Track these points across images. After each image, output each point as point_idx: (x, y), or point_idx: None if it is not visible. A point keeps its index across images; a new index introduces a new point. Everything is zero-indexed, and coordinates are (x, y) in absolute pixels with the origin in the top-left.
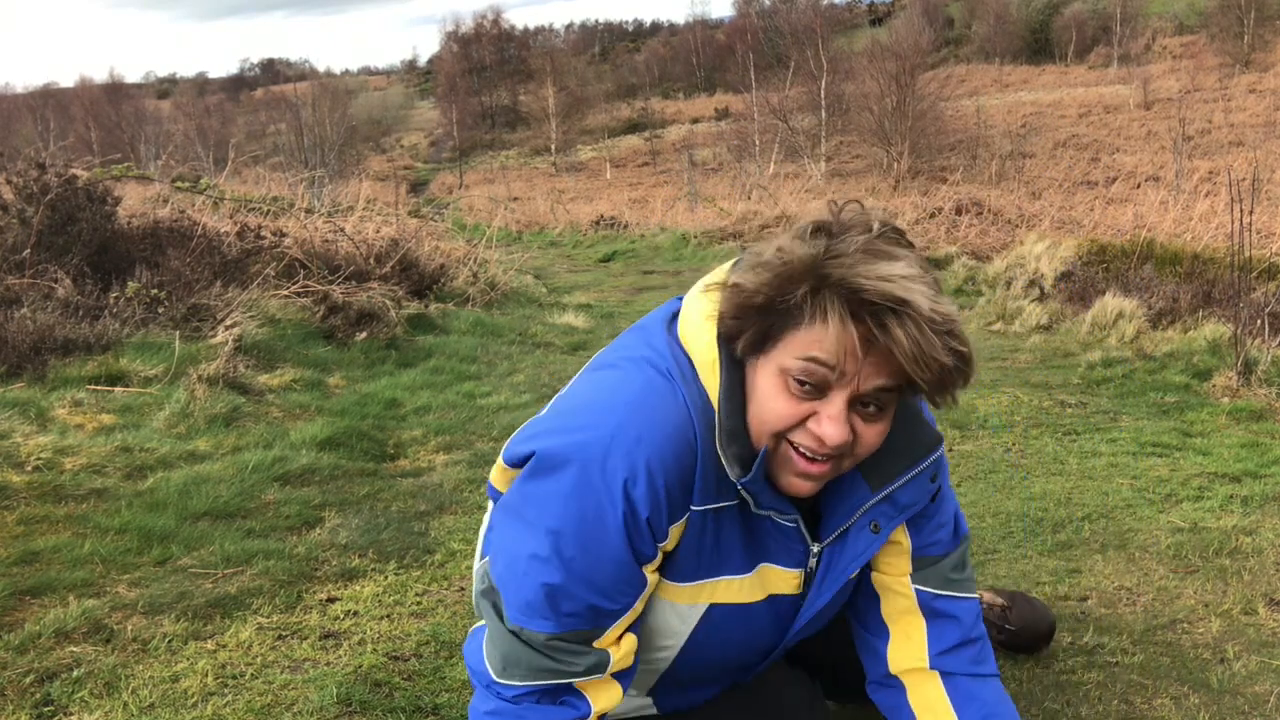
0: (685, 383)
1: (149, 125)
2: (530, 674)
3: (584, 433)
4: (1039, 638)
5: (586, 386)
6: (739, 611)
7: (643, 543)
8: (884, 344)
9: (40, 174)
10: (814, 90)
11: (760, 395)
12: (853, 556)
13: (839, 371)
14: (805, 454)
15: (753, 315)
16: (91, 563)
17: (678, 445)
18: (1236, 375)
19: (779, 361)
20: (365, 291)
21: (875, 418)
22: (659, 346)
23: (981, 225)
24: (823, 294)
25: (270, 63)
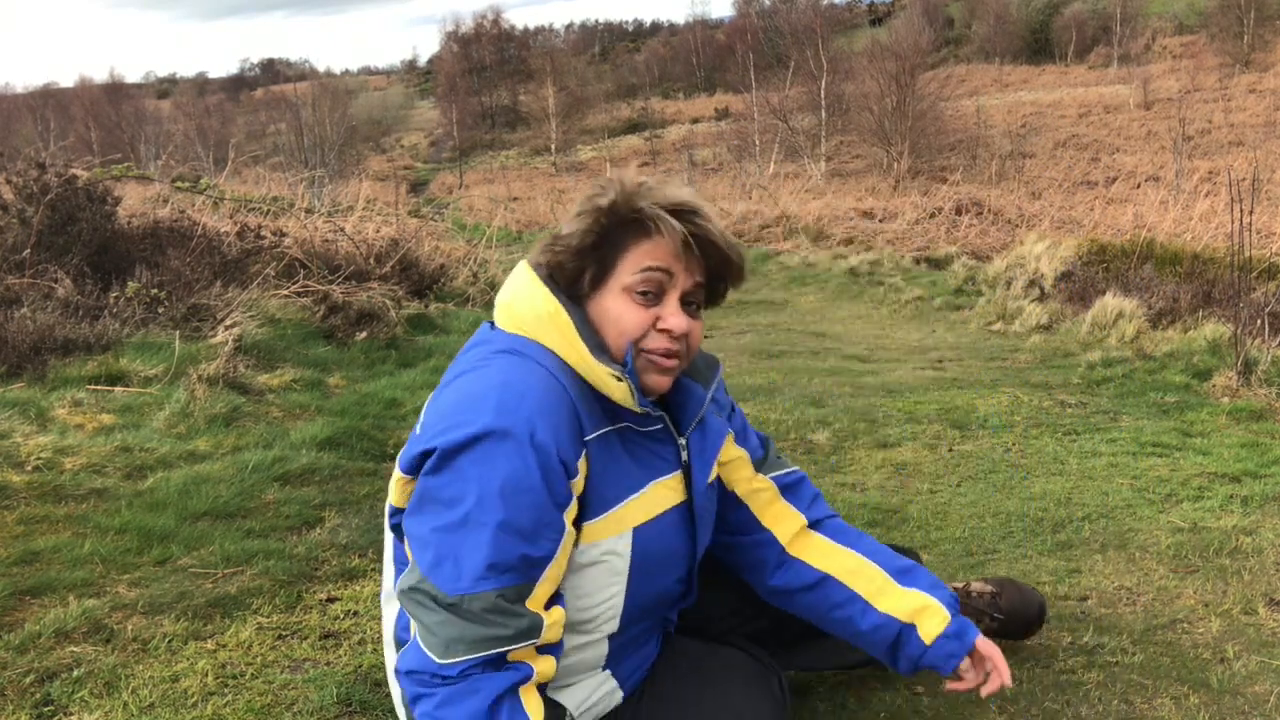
0: (531, 352)
1: (149, 125)
2: (473, 646)
3: (474, 416)
4: (1029, 621)
5: (453, 393)
6: (656, 528)
7: (557, 481)
8: (698, 240)
9: (40, 174)
10: (814, 90)
11: (613, 316)
12: (712, 439)
13: (670, 274)
14: (658, 353)
15: (588, 254)
16: (91, 563)
17: (553, 394)
18: (1236, 375)
19: (620, 283)
20: (365, 291)
21: (695, 314)
22: (494, 342)
23: (981, 225)
24: (641, 214)
25: (270, 63)
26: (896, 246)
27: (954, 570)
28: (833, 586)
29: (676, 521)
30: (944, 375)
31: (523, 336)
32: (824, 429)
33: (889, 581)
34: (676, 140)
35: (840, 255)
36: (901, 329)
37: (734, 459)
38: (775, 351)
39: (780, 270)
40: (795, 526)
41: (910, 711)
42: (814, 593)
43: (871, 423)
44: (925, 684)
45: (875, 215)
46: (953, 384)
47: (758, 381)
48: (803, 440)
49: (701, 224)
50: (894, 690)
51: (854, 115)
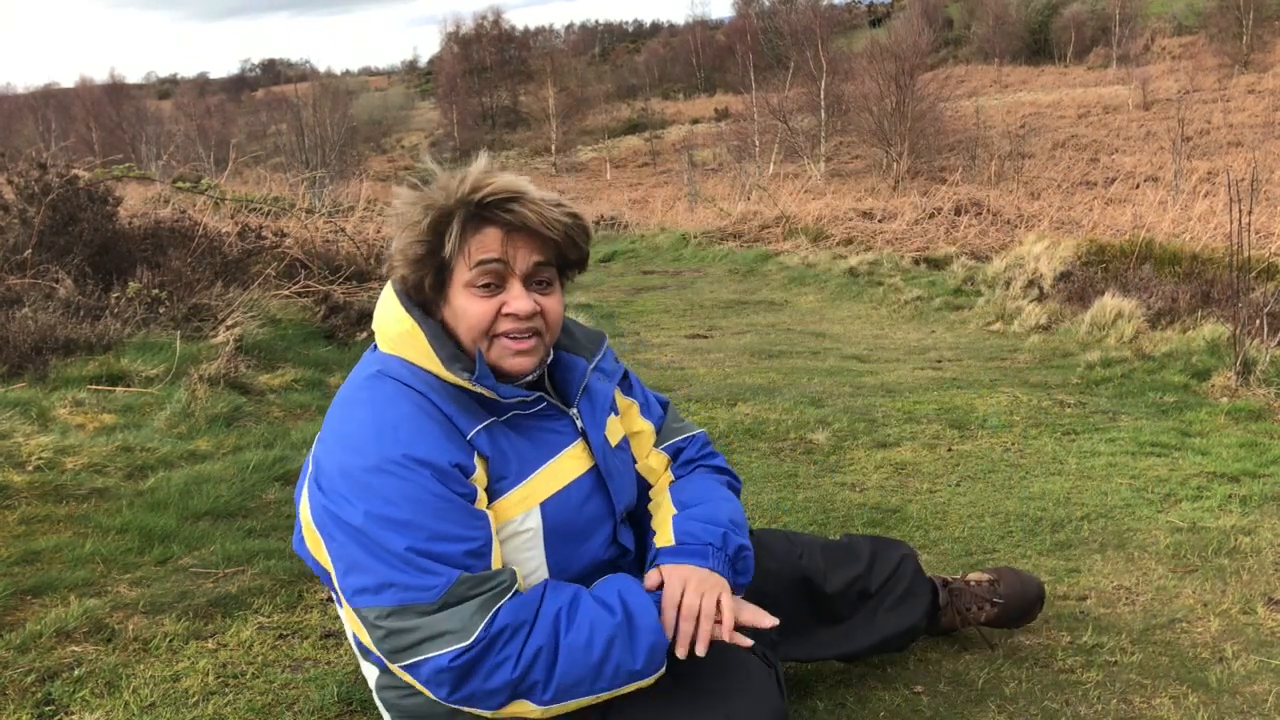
0: (397, 372)
1: (150, 125)
2: (484, 608)
3: (361, 457)
4: (1029, 603)
5: (335, 425)
6: (566, 499)
7: (455, 483)
8: (522, 226)
9: (41, 174)
10: (814, 91)
11: (460, 313)
12: (601, 402)
13: (505, 262)
14: (512, 338)
15: (423, 263)
16: (92, 562)
17: (421, 412)
18: (1235, 375)
19: (460, 282)
20: (366, 291)
21: (547, 290)
22: (367, 365)
23: (981, 225)
24: (459, 214)
25: (271, 63)
26: (896, 247)
27: (953, 570)
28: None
29: (588, 488)
30: (943, 375)
31: (392, 356)
32: (824, 429)
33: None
34: (676, 141)
35: (840, 255)
36: (901, 329)
37: (639, 432)
38: (775, 351)
39: (780, 270)
40: (664, 485)
41: (910, 711)
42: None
43: (871, 423)
44: (925, 684)
45: (875, 215)
46: (952, 384)
47: (758, 381)
48: (803, 440)
49: (519, 209)
50: (894, 690)
51: (853, 116)
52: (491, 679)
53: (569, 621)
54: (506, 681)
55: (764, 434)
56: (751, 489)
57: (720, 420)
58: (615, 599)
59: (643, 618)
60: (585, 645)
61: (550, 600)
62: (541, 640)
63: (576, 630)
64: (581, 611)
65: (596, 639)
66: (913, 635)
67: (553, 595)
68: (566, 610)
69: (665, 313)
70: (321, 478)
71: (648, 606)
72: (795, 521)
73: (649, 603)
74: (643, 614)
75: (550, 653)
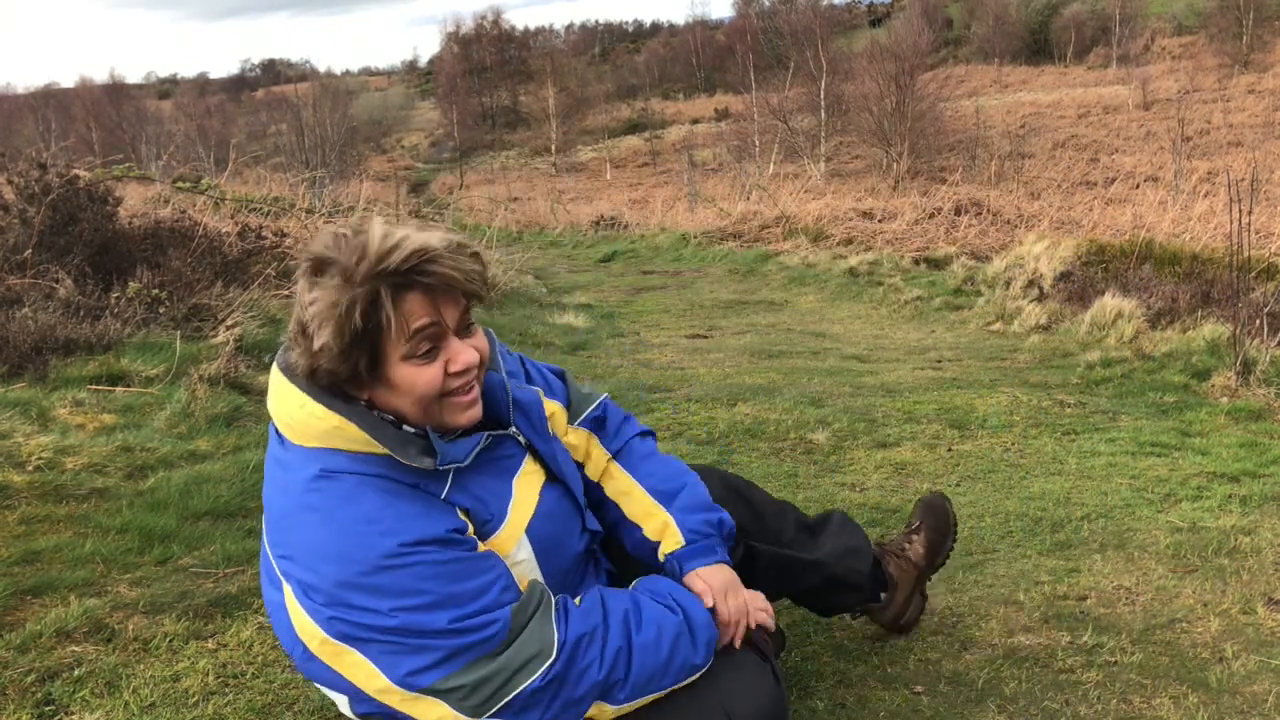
0: (335, 463)
1: (150, 125)
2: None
3: (350, 563)
4: (940, 511)
5: (296, 538)
6: (542, 516)
7: (455, 545)
8: (443, 286)
9: (42, 174)
10: (813, 91)
11: (406, 386)
12: (534, 411)
13: (437, 323)
14: (461, 392)
15: (353, 351)
16: (92, 562)
17: (387, 491)
18: (1235, 375)
19: (397, 355)
20: None
21: (472, 332)
22: (299, 467)
23: (981, 225)
24: (382, 291)
25: (271, 63)
26: (896, 247)
27: (953, 569)
28: (609, 507)
29: (553, 497)
30: (943, 375)
31: (322, 449)
32: (824, 429)
33: (652, 503)
34: (676, 141)
35: (840, 255)
36: (901, 329)
37: (552, 414)
38: (775, 351)
39: (780, 270)
40: (603, 461)
41: (910, 711)
42: (603, 515)
43: (871, 423)
44: (925, 684)
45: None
46: (952, 384)
47: (758, 381)
48: (803, 440)
49: (436, 270)
50: (894, 690)
51: (853, 116)
52: (580, 685)
53: (637, 622)
54: (594, 684)
55: (764, 434)
56: None
57: (720, 420)
58: (668, 598)
59: (697, 614)
60: (655, 643)
61: (614, 604)
62: (619, 641)
63: (646, 629)
64: (646, 612)
65: (664, 637)
66: (859, 559)
67: (614, 599)
68: (632, 611)
69: (665, 313)
70: (316, 595)
71: (697, 602)
72: None
73: (696, 599)
74: (696, 610)
75: (627, 652)
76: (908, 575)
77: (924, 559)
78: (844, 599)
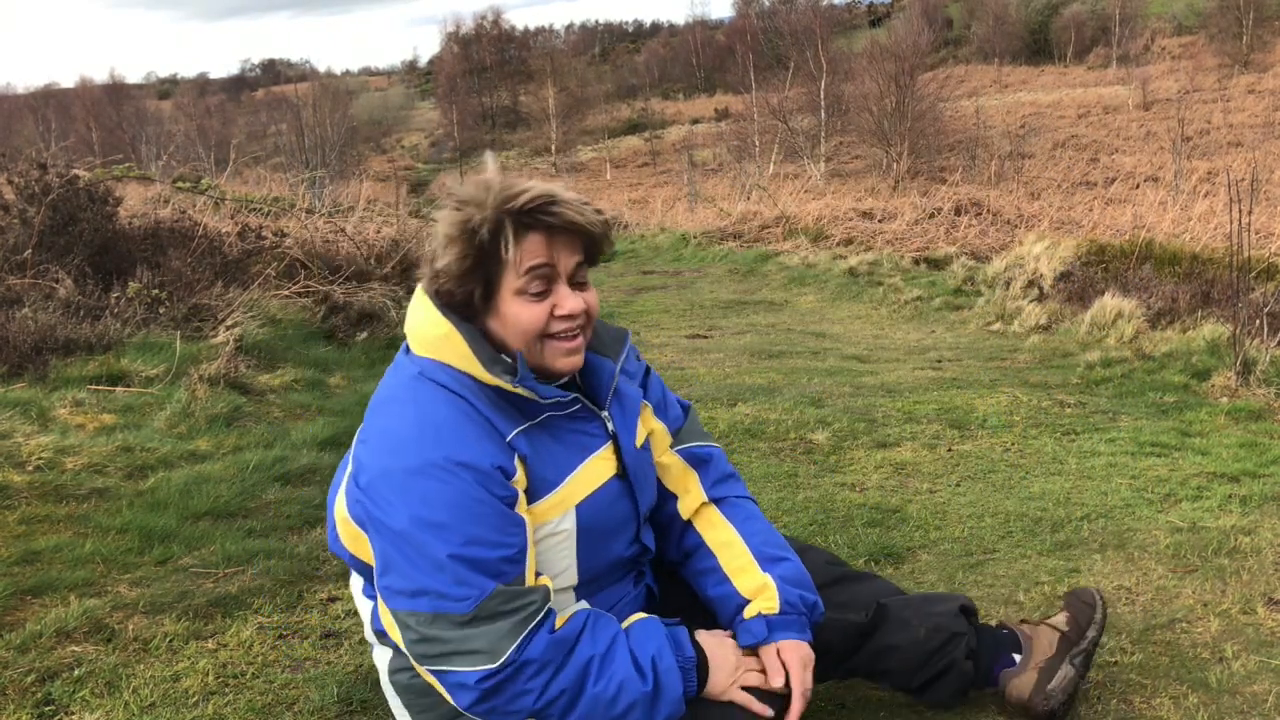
0: (437, 375)
1: (150, 126)
2: (515, 631)
3: (403, 458)
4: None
5: (377, 436)
6: (597, 502)
7: (497, 486)
8: (565, 228)
9: (42, 174)
10: (813, 91)
11: (512, 320)
12: (630, 405)
13: (552, 265)
14: (563, 337)
15: (471, 276)
16: (92, 562)
17: (463, 416)
18: (1235, 375)
19: (510, 289)
20: (366, 292)
21: (585, 288)
22: (405, 367)
23: (981, 225)
24: (506, 224)
25: (271, 63)
26: (896, 247)
27: (953, 570)
28: (703, 554)
29: (615, 491)
30: (943, 375)
31: (429, 359)
32: (824, 429)
33: (751, 561)
34: (676, 141)
35: (840, 255)
36: (901, 329)
37: (652, 430)
38: (775, 351)
39: (780, 270)
40: (697, 502)
41: (910, 711)
42: (691, 557)
43: (871, 423)
44: None
45: (875, 216)
46: (952, 384)
47: (758, 381)
48: (803, 440)
49: (560, 211)
50: (894, 690)
51: (853, 116)
52: (511, 703)
53: (600, 672)
54: (527, 709)
55: (764, 434)
56: (751, 489)
57: (720, 420)
58: (648, 662)
59: (669, 690)
60: (609, 701)
61: (585, 645)
62: (566, 684)
63: (605, 683)
64: (614, 666)
65: (621, 698)
66: (943, 602)
67: (589, 640)
68: (600, 660)
69: (665, 313)
70: (362, 476)
71: (674, 678)
72: (795, 521)
73: (676, 674)
74: (670, 686)
75: (572, 696)
76: (1045, 637)
77: (1066, 624)
78: (936, 662)
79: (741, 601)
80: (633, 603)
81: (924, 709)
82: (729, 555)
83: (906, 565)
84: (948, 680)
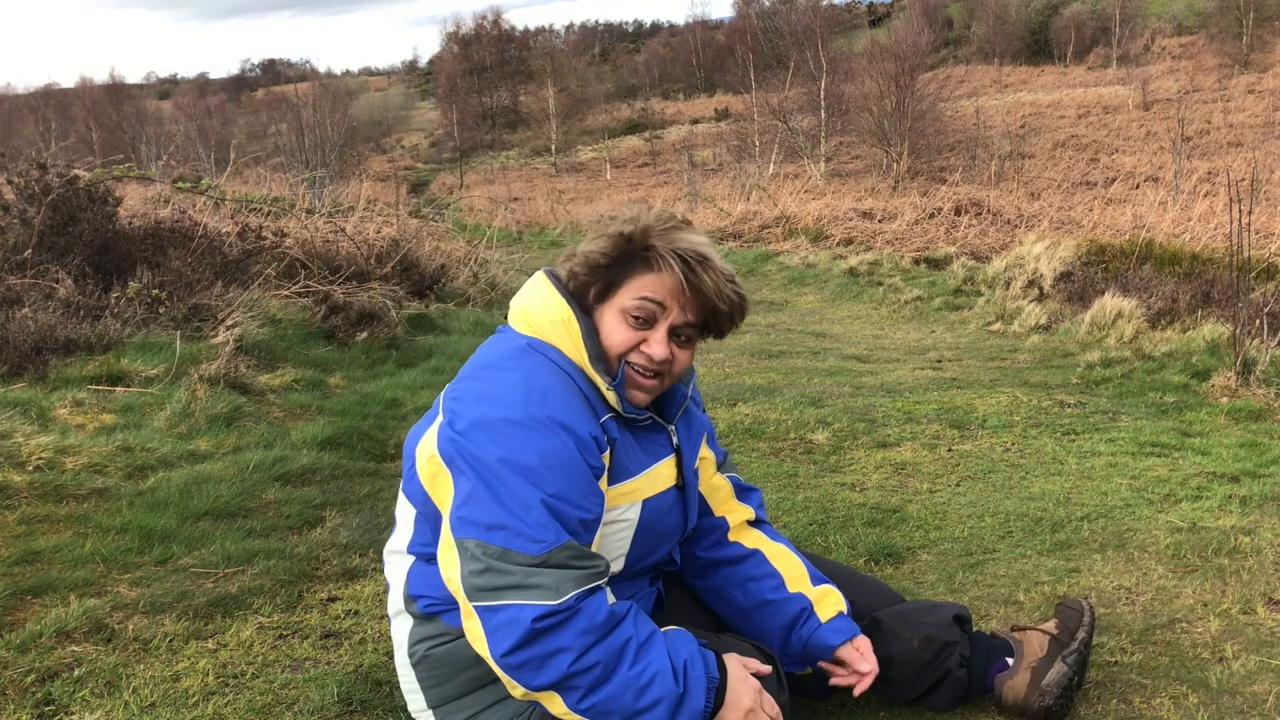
0: (545, 350)
1: (150, 126)
2: (580, 581)
3: (507, 407)
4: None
5: (480, 385)
6: (660, 504)
7: (591, 454)
8: (695, 286)
9: (42, 174)
10: (813, 91)
11: (606, 329)
12: (697, 427)
13: (663, 307)
14: (639, 373)
15: (600, 272)
16: (93, 562)
17: (568, 386)
18: (1235, 375)
19: (619, 304)
20: (366, 292)
21: (685, 346)
22: (512, 339)
23: (981, 225)
24: (652, 248)
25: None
26: (896, 247)
27: (953, 570)
28: (759, 560)
29: (672, 500)
30: (943, 375)
31: (538, 339)
32: (824, 429)
33: (805, 575)
34: (676, 141)
35: (840, 256)
36: (901, 329)
37: (705, 459)
38: (775, 351)
39: (780, 270)
40: (742, 518)
41: (910, 712)
42: (737, 566)
43: (871, 423)
44: None
45: (875, 216)
46: (952, 384)
47: (758, 381)
48: (803, 440)
49: (701, 274)
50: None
51: (853, 116)
52: (549, 661)
53: (636, 658)
54: (558, 673)
55: (764, 434)
56: None
57: (720, 420)
58: (681, 666)
59: (694, 700)
60: (640, 689)
61: (628, 627)
62: (602, 656)
63: (641, 670)
64: (651, 655)
65: (651, 690)
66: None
67: (632, 623)
68: (638, 646)
69: None
70: (458, 421)
71: (700, 690)
72: (795, 521)
73: (703, 686)
74: (695, 695)
75: (605, 671)
76: (1036, 640)
77: (1056, 628)
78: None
79: (806, 605)
80: (644, 600)
81: (924, 709)
82: (786, 565)
83: (906, 565)
84: (943, 690)
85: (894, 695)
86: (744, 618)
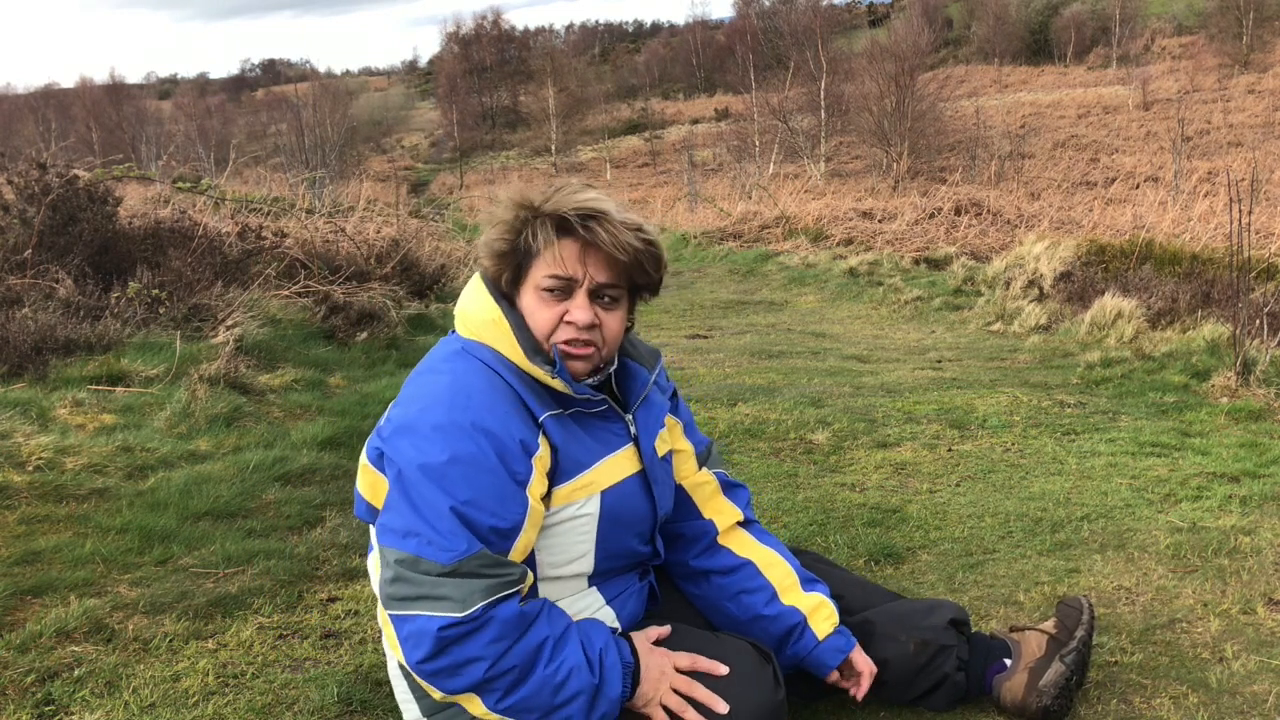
0: (478, 353)
1: (150, 126)
2: (489, 592)
3: (430, 414)
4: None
5: (410, 398)
6: (620, 492)
7: (514, 460)
8: (592, 244)
9: (42, 174)
10: (813, 91)
11: (530, 312)
12: (656, 414)
13: (573, 277)
14: (569, 345)
15: (505, 258)
16: (93, 562)
17: (496, 389)
18: (1235, 375)
19: (534, 283)
20: (366, 292)
21: (610, 308)
22: (449, 344)
23: (981, 226)
24: (539, 223)
25: (271, 63)
26: (896, 247)
27: (953, 570)
28: (750, 572)
29: (636, 487)
30: (943, 375)
31: (473, 340)
32: (824, 429)
33: (796, 582)
34: (676, 141)
35: (840, 256)
36: (901, 329)
37: (683, 451)
38: (775, 351)
39: (780, 271)
40: (730, 520)
41: (910, 712)
42: (730, 576)
43: (871, 423)
44: None
45: (875, 216)
46: (952, 384)
47: (758, 381)
48: (802, 440)
49: (596, 229)
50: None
51: (853, 116)
52: (463, 669)
53: (551, 656)
54: (475, 678)
55: (764, 434)
56: (751, 489)
57: (720, 420)
58: (596, 655)
59: (610, 688)
60: (556, 687)
61: (542, 625)
62: (518, 660)
63: (556, 667)
64: (567, 651)
65: (568, 686)
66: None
67: (546, 621)
68: (554, 642)
69: (665, 313)
70: (386, 427)
71: (616, 677)
72: (795, 521)
73: (619, 672)
74: (612, 683)
75: (522, 674)
76: (1034, 640)
77: (1054, 627)
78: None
79: (800, 620)
80: (637, 594)
81: (923, 709)
82: (777, 574)
83: (906, 565)
84: (941, 693)
85: (889, 697)
86: (738, 628)
